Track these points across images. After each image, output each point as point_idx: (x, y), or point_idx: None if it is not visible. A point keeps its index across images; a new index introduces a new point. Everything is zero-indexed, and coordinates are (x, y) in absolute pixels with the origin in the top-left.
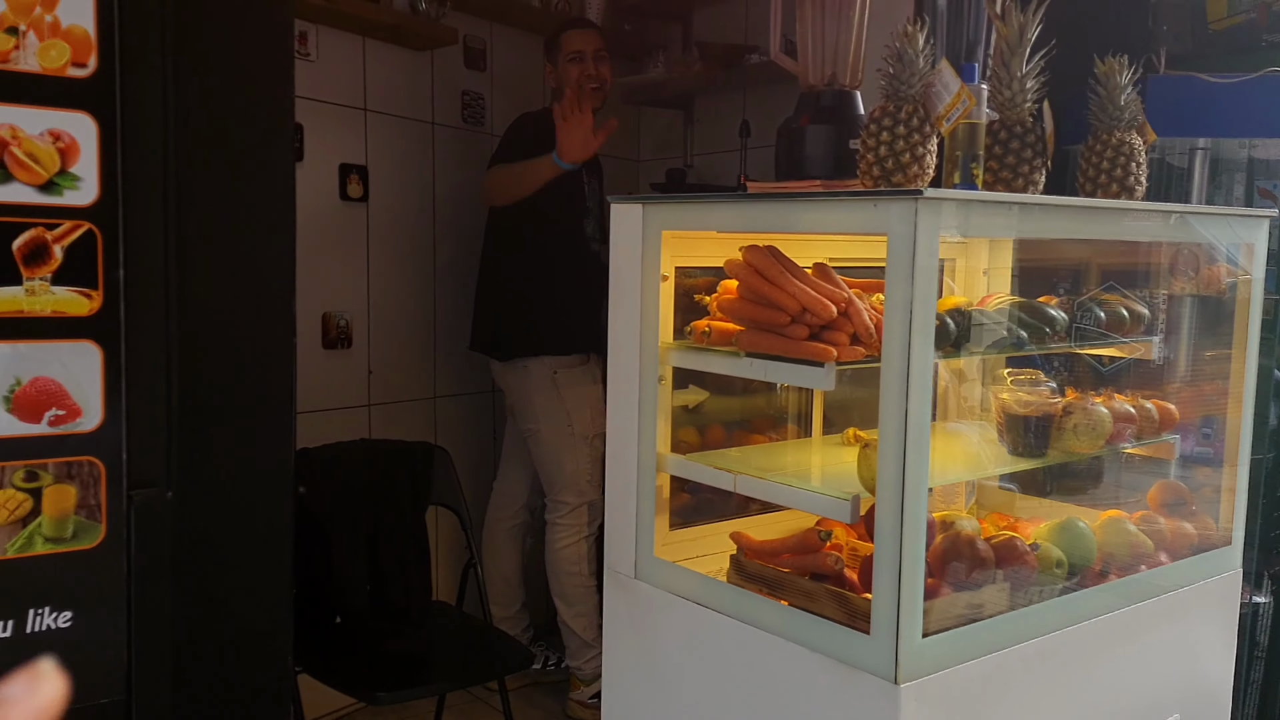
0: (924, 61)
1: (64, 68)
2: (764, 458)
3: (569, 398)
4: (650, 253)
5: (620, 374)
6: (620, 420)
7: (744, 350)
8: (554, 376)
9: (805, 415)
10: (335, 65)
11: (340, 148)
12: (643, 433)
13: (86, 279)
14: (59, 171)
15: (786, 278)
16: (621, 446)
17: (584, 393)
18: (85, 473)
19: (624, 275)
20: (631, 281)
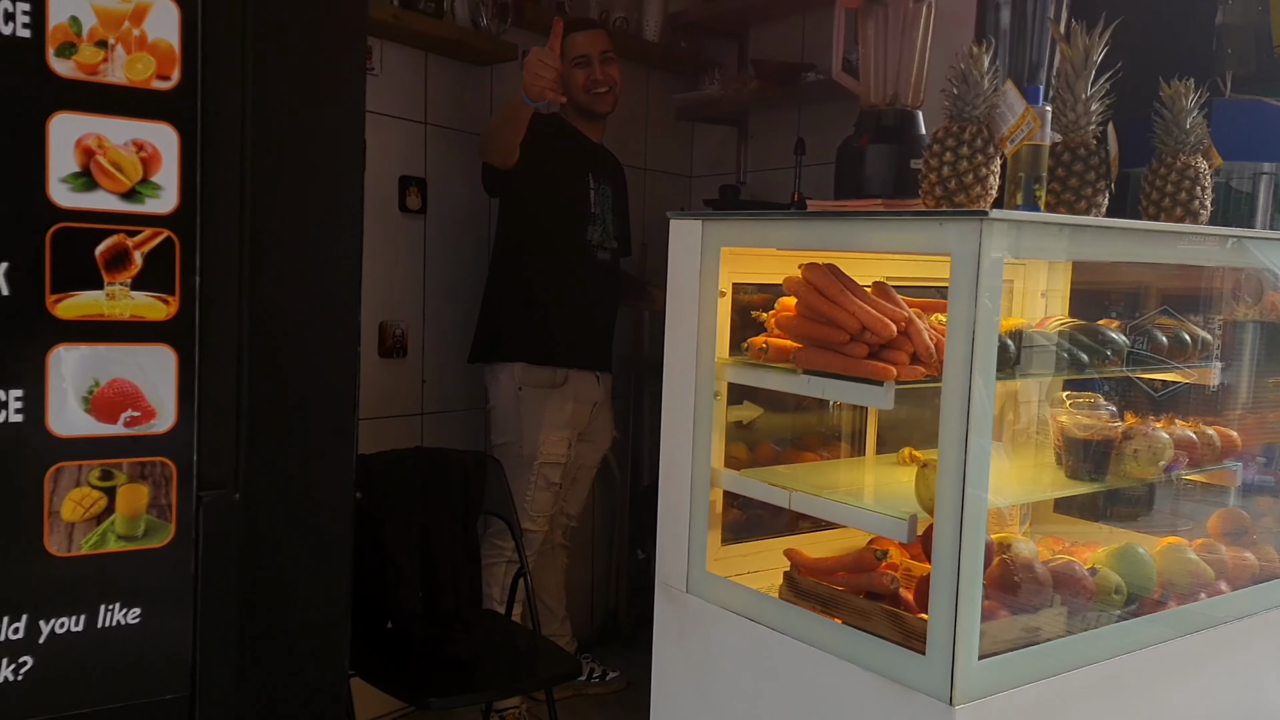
0: (989, 83)
1: (149, 80)
2: (818, 475)
3: (526, 416)
4: (709, 268)
5: (675, 388)
6: (674, 434)
7: (801, 367)
8: (518, 391)
9: (858, 434)
10: (398, 79)
11: (400, 160)
12: (697, 447)
13: (164, 284)
14: (141, 180)
15: (846, 296)
16: (675, 460)
17: (546, 414)
18: (158, 473)
19: (682, 290)
20: (689, 297)
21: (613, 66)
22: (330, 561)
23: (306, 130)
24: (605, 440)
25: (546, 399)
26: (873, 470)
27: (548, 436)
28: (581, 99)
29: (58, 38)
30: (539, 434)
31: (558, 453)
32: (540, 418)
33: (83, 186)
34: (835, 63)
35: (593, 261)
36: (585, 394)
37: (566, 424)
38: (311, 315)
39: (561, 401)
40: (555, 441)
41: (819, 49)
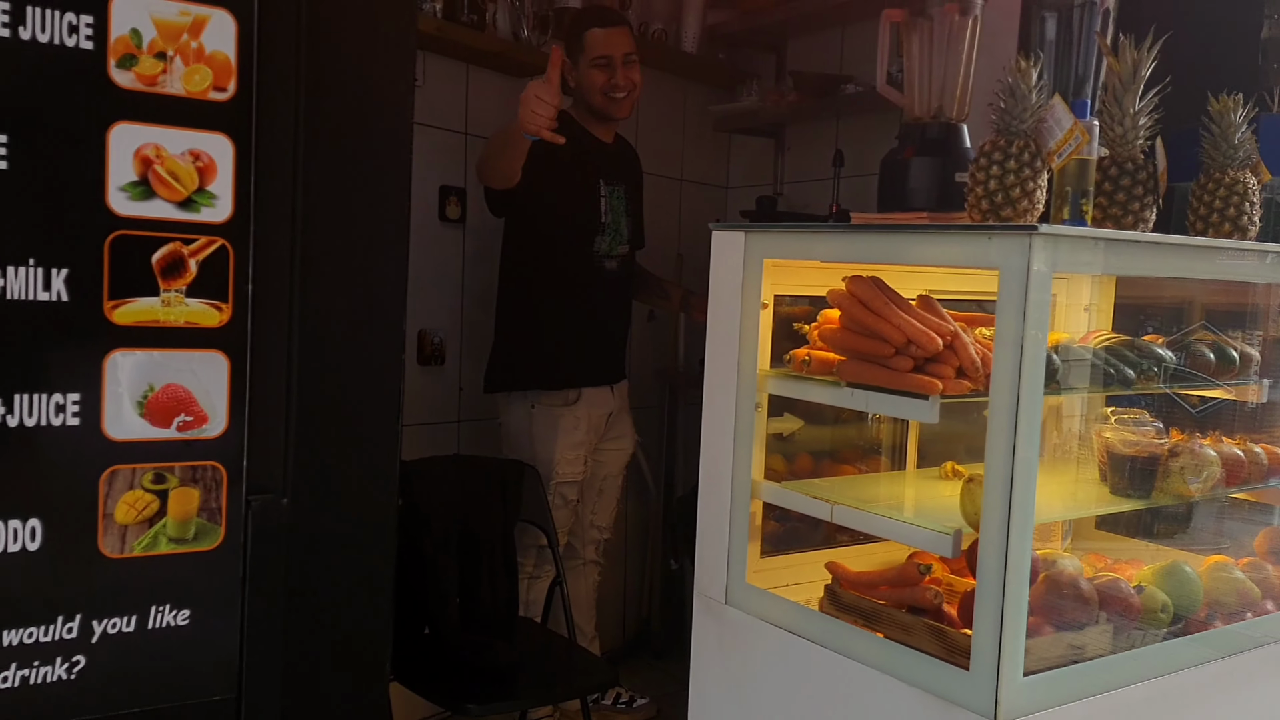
0: (1036, 96)
1: (206, 91)
2: (859, 489)
3: (539, 436)
4: (751, 280)
5: (716, 400)
6: (715, 446)
7: (845, 380)
8: (530, 410)
9: (898, 447)
10: (440, 90)
11: (441, 170)
12: (737, 459)
13: (218, 292)
14: (197, 189)
15: (891, 309)
16: (715, 471)
17: (559, 433)
18: (208, 477)
19: (723, 302)
20: (731, 308)
21: (634, 69)
22: (374, 566)
23: (357, 141)
24: (628, 445)
25: (559, 418)
26: (914, 484)
27: (562, 455)
28: (598, 102)
29: (119, 49)
30: (553, 453)
31: (573, 471)
32: (553, 437)
33: (141, 195)
34: (880, 75)
35: (600, 274)
36: (599, 407)
37: (580, 442)
38: (359, 323)
39: (574, 420)
40: (570, 460)
41: (858, 61)
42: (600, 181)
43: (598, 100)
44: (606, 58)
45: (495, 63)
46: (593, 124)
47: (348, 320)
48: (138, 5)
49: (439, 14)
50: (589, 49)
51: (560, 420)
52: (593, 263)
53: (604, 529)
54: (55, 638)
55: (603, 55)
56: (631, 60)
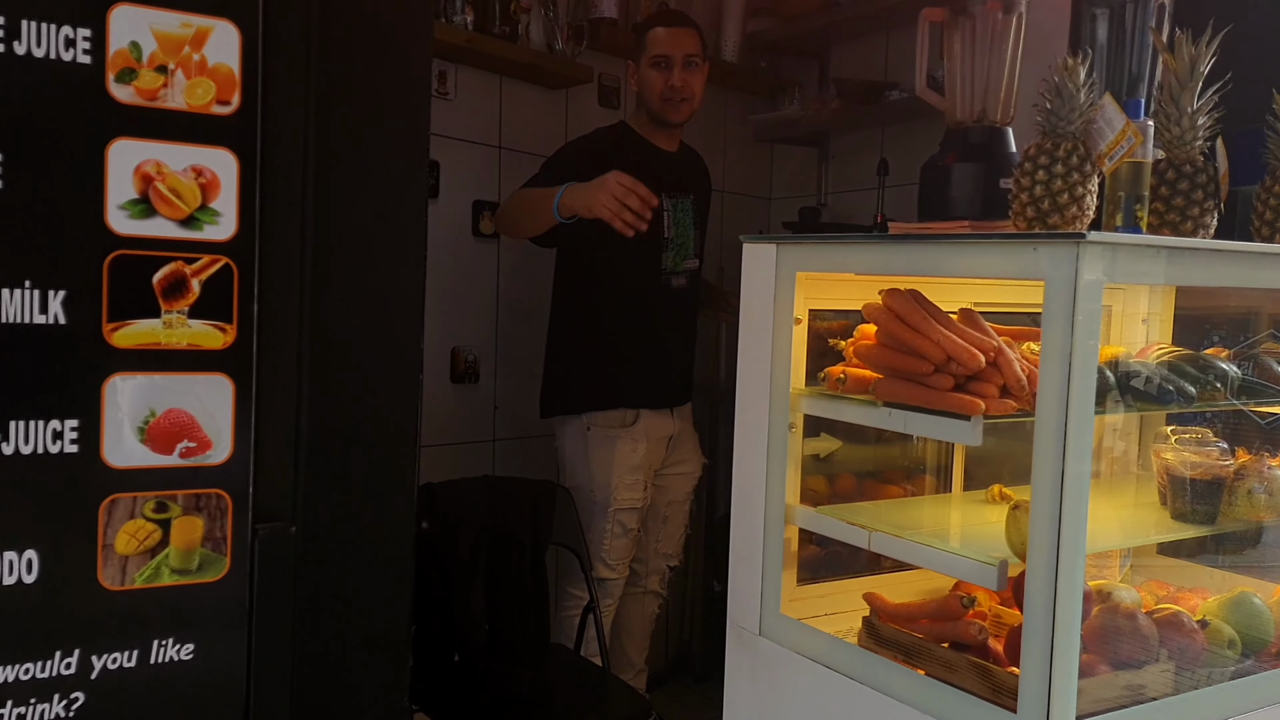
0: (1085, 96)
1: (208, 105)
2: (900, 513)
3: (596, 459)
4: (783, 295)
5: (748, 420)
6: (747, 468)
7: (882, 399)
8: (586, 432)
9: (944, 469)
10: (472, 104)
11: (474, 184)
12: (771, 482)
13: (222, 313)
14: (200, 206)
15: (930, 324)
16: (748, 495)
17: (617, 457)
18: (213, 505)
19: (754, 318)
20: (762, 324)
21: (696, 74)
22: (391, 595)
23: (370, 155)
24: (693, 469)
25: (616, 440)
26: (959, 508)
27: (620, 480)
28: (654, 106)
29: (118, 63)
30: (611, 478)
31: (633, 497)
32: (611, 460)
33: (141, 213)
34: (919, 78)
35: (667, 292)
36: (658, 431)
37: (639, 465)
38: (373, 344)
39: (632, 443)
40: (629, 485)
41: (902, 67)
42: (663, 194)
43: (655, 104)
44: (665, 57)
45: (528, 74)
46: (654, 132)
47: (361, 341)
48: (137, 17)
49: (470, 25)
50: (649, 47)
51: (617, 443)
52: (659, 280)
53: (670, 556)
54: (53, 674)
55: (662, 54)
56: (693, 64)
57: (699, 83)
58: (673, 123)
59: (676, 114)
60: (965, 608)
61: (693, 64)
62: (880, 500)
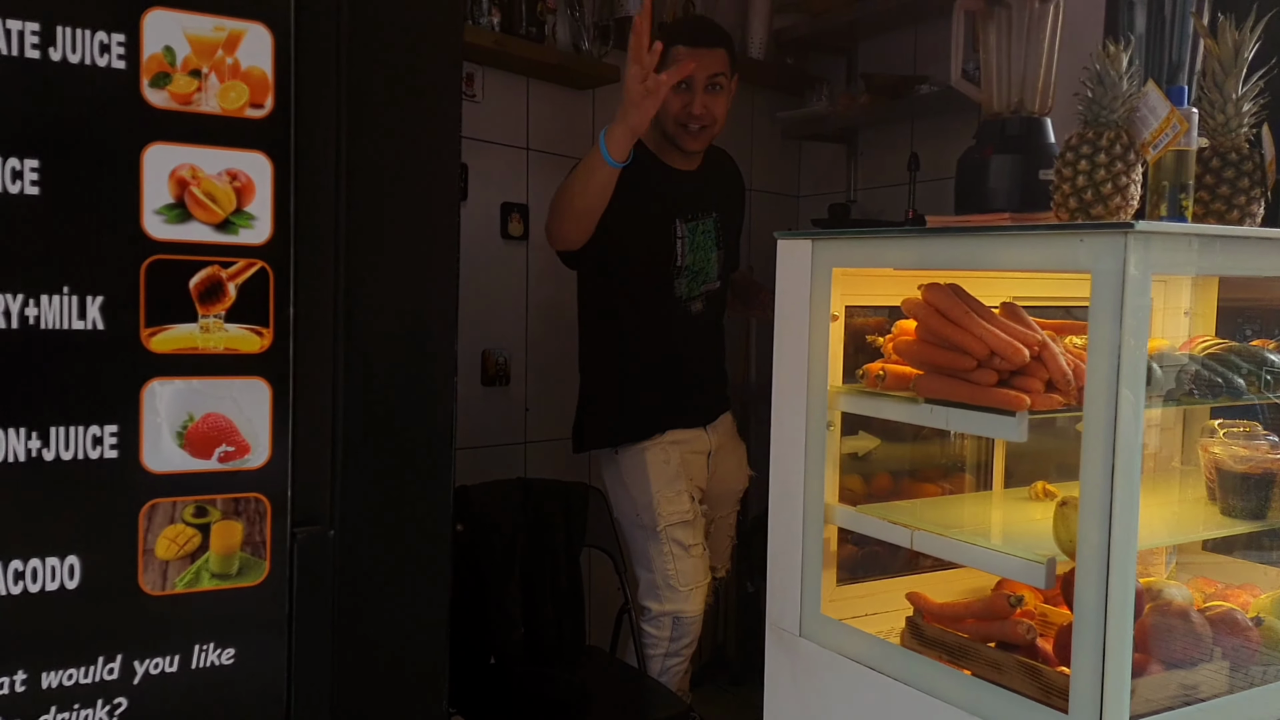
0: (1127, 84)
1: (242, 109)
2: (941, 512)
3: (630, 478)
4: (819, 291)
5: (785, 419)
6: (785, 468)
7: (923, 396)
8: (615, 455)
9: (984, 466)
10: (500, 106)
11: (503, 187)
12: (809, 481)
13: (258, 317)
14: (235, 211)
15: (972, 318)
16: (786, 495)
17: (650, 469)
18: (252, 509)
19: (791, 314)
20: (798, 321)
21: (719, 97)
22: (428, 598)
23: (402, 157)
24: (737, 482)
25: (644, 452)
26: (1001, 506)
27: (661, 493)
28: (669, 129)
29: (152, 68)
30: (650, 494)
31: (680, 510)
32: (645, 475)
33: (177, 218)
34: (954, 69)
35: (685, 318)
36: (691, 445)
37: (677, 475)
38: (407, 346)
39: (663, 454)
40: (672, 498)
41: (931, 61)
42: (676, 220)
43: (670, 126)
44: (686, 81)
45: (556, 75)
46: (668, 152)
47: (396, 343)
48: (170, 22)
49: (497, 27)
50: (670, 64)
51: (647, 456)
52: (676, 308)
53: (717, 568)
54: (95, 679)
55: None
56: (717, 87)
57: (722, 107)
58: (689, 150)
59: (693, 141)
60: (1012, 607)
61: (717, 86)
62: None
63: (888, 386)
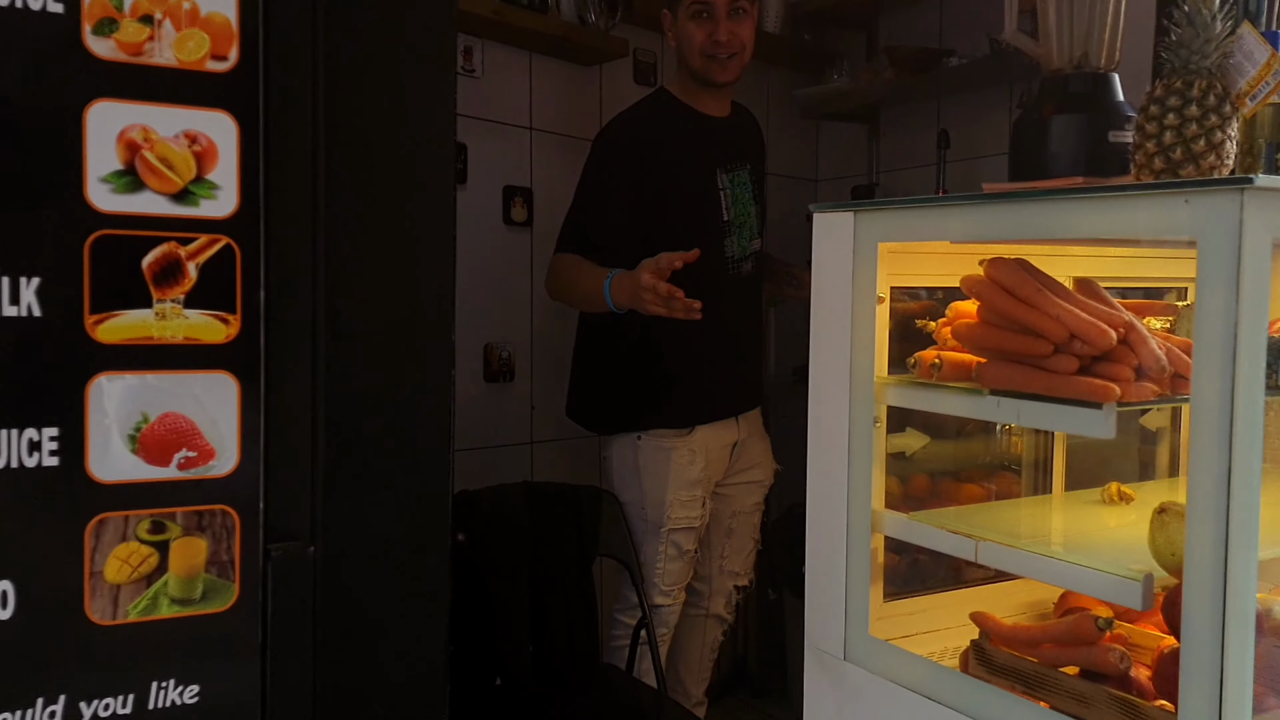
0: (1221, 26)
1: (202, 61)
2: (1001, 518)
3: (647, 472)
4: (864, 270)
5: (824, 415)
6: (825, 471)
7: (988, 387)
8: (636, 442)
9: (1040, 464)
10: (500, 82)
11: (504, 169)
12: (853, 485)
13: (223, 301)
14: (194, 179)
15: (1046, 296)
16: (827, 501)
17: (672, 470)
18: (218, 524)
19: (829, 298)
20: (839, 306)
21: (744, 23)
22: (426, 618)
23: (390, 118)
24: (762, 475)
25: (671, 452)
26: (1069, 511)
27: (675, 497)
28: (697, 64)
29: (95, 13)
30: (665, 494)
31: (688, 516)
32: (664, 474)
33: (126, 187)
34: (1008, 21)
35: (736, 282)
36: (720, 441)
37: (696, 481)
38: (399, 334)
39: (690, 455)
40: (685, 503)
41: (958, 34)
42: (717, 169)
43: (696, 61)
44: (706, 5)
45: (560, 49)
46: (698, 96)
47: (385, 332)
48: None
49: None
50: None
51: (672, 454)
52: (727, 270)
53: (738, 575)
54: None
55: (702, 2)
56: (740, 11)
57: (748, 31)
58: (719, 83)
59: (723, 72)
60: (1101, 630)
61: (739, 11)
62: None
63: (944, 377)
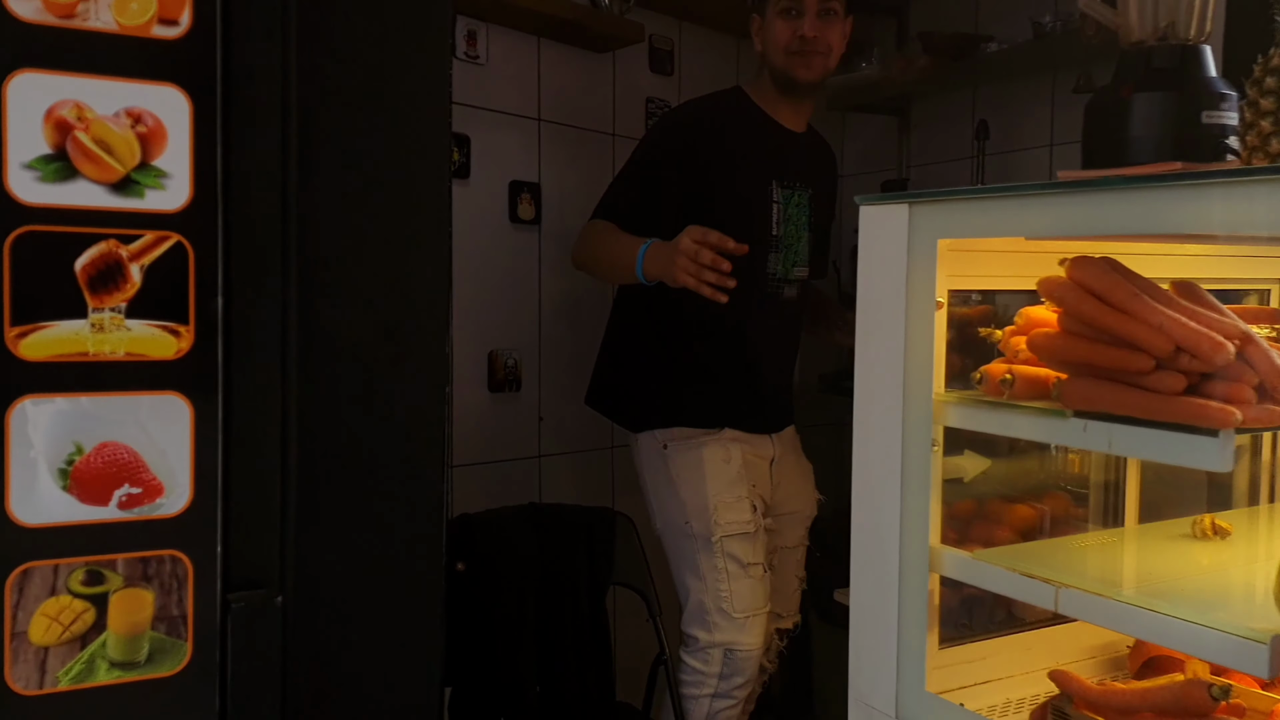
0: None
1: (148, 25)
2: (1075, 557)
3: (681, 478)
4: (920, 271)
5: (873, 438)
6: (872, 502)
7: (1072, 408)
8: (663, 450)
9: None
10: (506, 69)
11: (510, 163)
12: (907, 518)
13: (173, 310)
14: (139, 165)
15: (1145, 302)
16: (874, 537)
17: (706, 468)
18: (166, 572)
19: (878, 304)
20: (890, 312)
21: (833, 25)
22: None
23: (376, 96)
24: (805, 506)
25: (701, 448)
26: (1150, 547)
27: (717, 498)
28: (779, 61)
29: None
30: (705, 497)
31: (739, 520)
32: (700, 475)
33: (56, 175)
34: None
35: (776, 304)
36: (754, 450)
37: (738, 478)
38: (386, 348)
39: (723, 452)
40: (731, 504)
41: (995, 20)
42: (773, 181)
43: (779, 58)
44: (795, 2)
45: (569, 34)
46: (777, 104)
47: (369, 343)
48: None
49: None
50: None
51: (704, 451)
52: (766, 288)
53: (783, 617)
54: None
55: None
56: (831, 13)
57: (836, 35)
58: (801, 81)
59: (806, 69)
60: (1216, 700)
61: (830, 12)
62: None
63: (1017, 394)
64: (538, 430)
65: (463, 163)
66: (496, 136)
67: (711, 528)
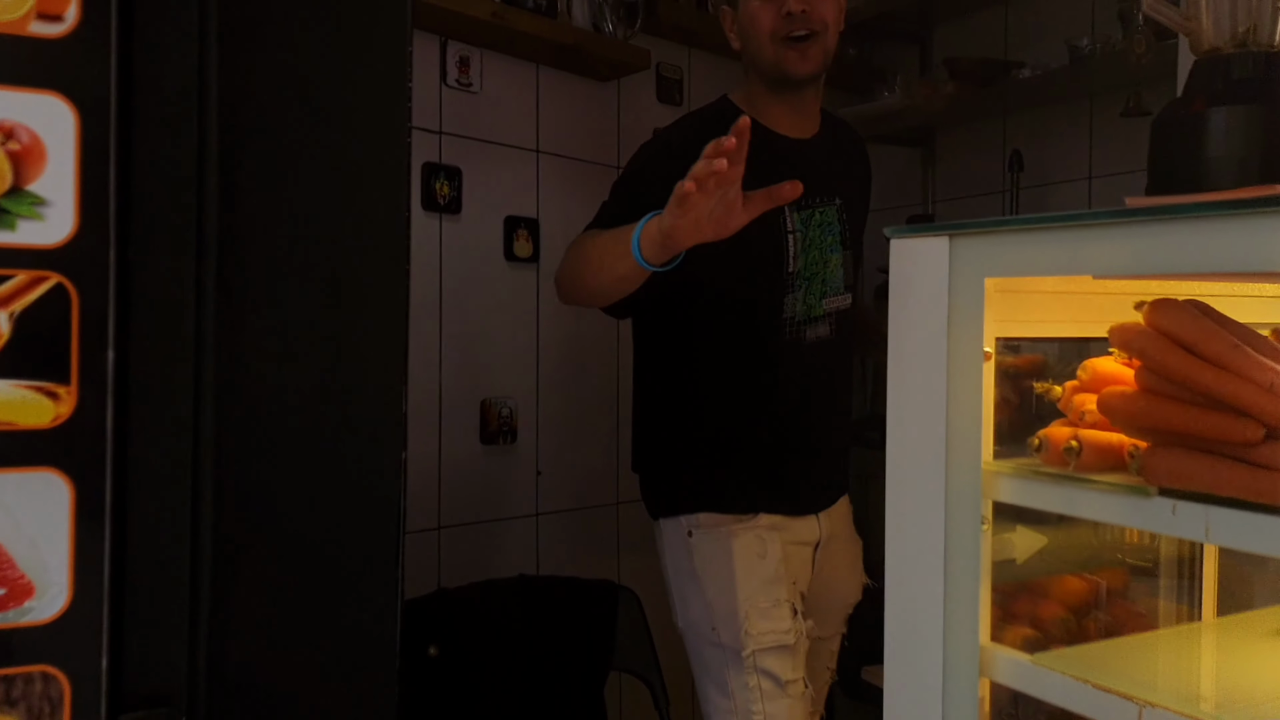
0: None
1: (23, 21)
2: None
3: (708, 574)
4: (964, 315)
5: (910, 514)
6: (909, 590)
7: (1156, 484)
8: (688, 539)
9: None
10: (502, 98)
11: (506, 197)
12: (952, 612)
13: (51, 367)
14: (9, 190)
15: (1247, 355)
16: (912, 633)
17: (737, 563)
18: (36, 693)
19: (913, 353)
20: (929, 364)
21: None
22: None
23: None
24: (849, 594)
25: (731, 540)
26: (1237, 648)
27: (751, 603)
28: (767, 54)
29: None
30: (734, 601)
31: (776, 629)
32: (729, 572)
33: None
34: None
35: (797, 351)
36: (794, 536)
37: (775, 575)
38: (326, 411)
39: (757, 544)
40: (767, 609)
41: (1025, 46)
42: (785, 210)
43: (767, 51)
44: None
45: (570, 61)
46: (770, 108)
47: (306, 406)
48: None
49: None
50: None
51: (734, 543)
52: (782, 336)
53: (811, 713)
54: None
55: None
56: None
57: (830, 9)
58: (795, 76)
59: (801, 60)
60: None
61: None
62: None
63: (1084, 465)
64: (535, 485)
65: (453, 196)
66: (491, 169)
67: (743, 639)
